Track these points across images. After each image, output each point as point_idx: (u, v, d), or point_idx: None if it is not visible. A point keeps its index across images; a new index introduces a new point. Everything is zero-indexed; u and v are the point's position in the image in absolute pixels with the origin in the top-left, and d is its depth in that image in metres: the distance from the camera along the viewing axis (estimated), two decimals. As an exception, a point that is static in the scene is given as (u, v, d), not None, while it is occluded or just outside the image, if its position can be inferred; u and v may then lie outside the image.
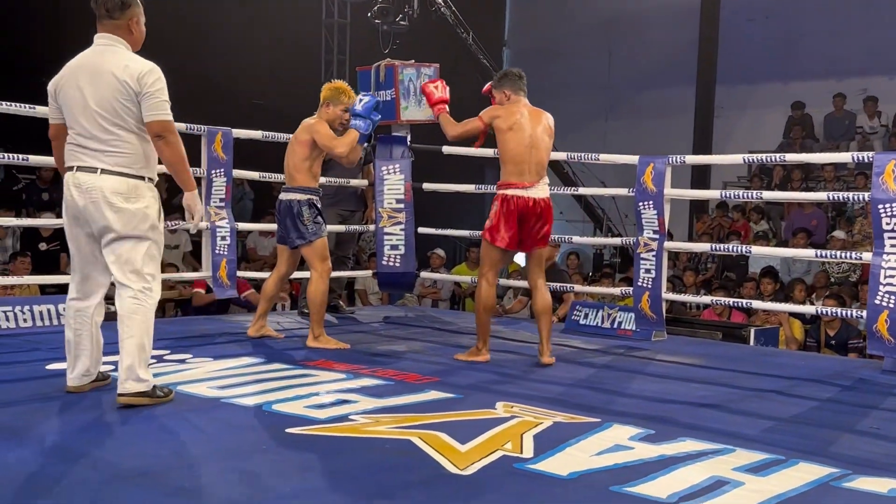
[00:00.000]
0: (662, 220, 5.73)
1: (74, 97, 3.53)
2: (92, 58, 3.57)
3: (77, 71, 3.55)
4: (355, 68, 7.60)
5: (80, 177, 3.53)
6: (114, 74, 3.48)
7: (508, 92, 4.95)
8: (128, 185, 3.52)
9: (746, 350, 6.08)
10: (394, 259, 6.74)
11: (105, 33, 3.59)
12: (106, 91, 3.49)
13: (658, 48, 14.97)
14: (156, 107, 3.51)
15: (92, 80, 3.50)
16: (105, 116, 3.49)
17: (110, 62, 3.52)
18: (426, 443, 3.09)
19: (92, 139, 3.51)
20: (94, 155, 3.51)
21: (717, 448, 3.20)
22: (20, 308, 5.05)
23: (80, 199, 3.53)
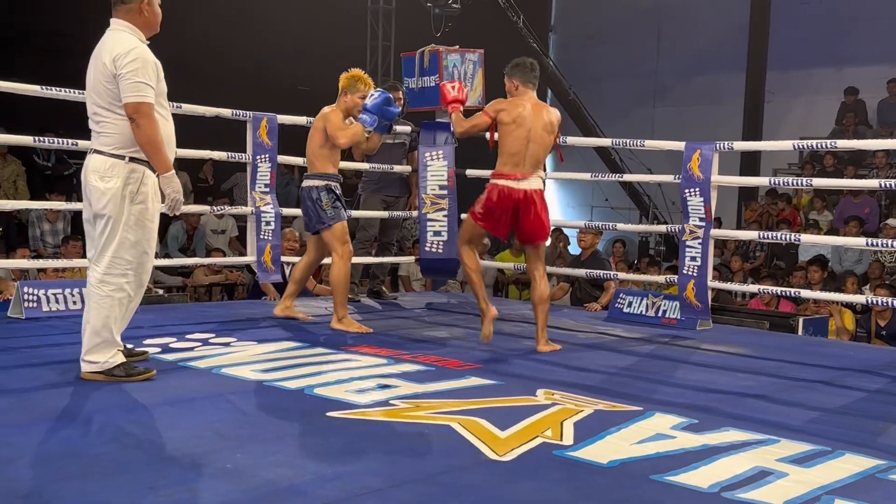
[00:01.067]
0: (709, 208, 5.64)
1: (87, 82, 3.68)
2: (99, 43, 3.68)
3: (93, 58, 3.68)
4: (400, 54, 7.61)
5: (88, 159, 3.68)
6: (101, 58, 3.59)
7: (517, 82, 4.94)
8: (105, 164, 3.59)
9: (795, 340, 5.97)
10: (437, 245, 6.74)
11: (116, 18, 3.67)
12: (96, 74, 3.61)
13: (707, 33, 14.74)
14: (129, 88, 3.53)
15: (93, 65, 3.64)
16: (95, 99, 3.62)
17: (104, 46, 3.61)
18: (466, 429, 3.09)
19: (91, 120, 3.67)
20: (93, 136, 3.67)
21: (761, 438, 3.16)
22: (70, 290, 5.15)
23: (82, 178, 3.69)
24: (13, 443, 2.75)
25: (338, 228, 5.17)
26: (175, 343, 4.43)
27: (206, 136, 6.06)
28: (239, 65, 10.63)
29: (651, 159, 12.41)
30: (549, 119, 4.90)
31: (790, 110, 13.98)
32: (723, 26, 14.43)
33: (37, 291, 5.02)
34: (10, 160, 9.09)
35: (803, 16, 13.80)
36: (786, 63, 13.74)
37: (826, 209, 10.93)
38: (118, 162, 3.59)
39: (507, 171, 4.81)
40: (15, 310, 4.96)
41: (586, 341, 5.30)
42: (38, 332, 4.66)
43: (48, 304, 5.02)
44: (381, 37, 12.72)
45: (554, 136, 4.92)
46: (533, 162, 4.83)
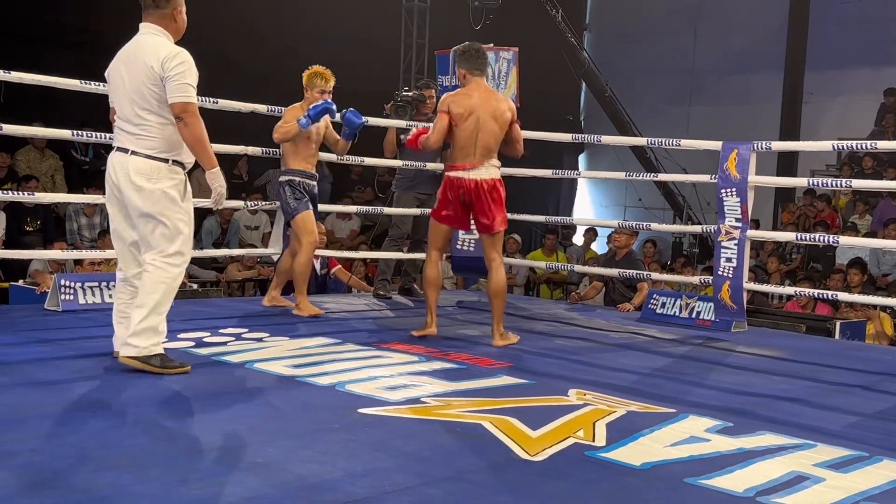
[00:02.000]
0: (745, 208, 5.57)
1: (117, 83, 3.76)
2: (133, 46, 3.77)
3: (122, 58, 3.77)
4: (434, 52, 7.60)
5: (115, 156, 3.75)
6: (144, 61, 3.66)
7: (464, 71, 4.96)
8: (150, 167, 3.68)
9: (831, 344, 5.88)
10: (468, 243, 6.73)
11: (148, 23, 3.77)
12: (138, 77, 3.67)
13: (745, 31, 14.57)
14: (177, 89, 3.65)
15: (129, 67, 3.71)
16: (136, 101, 3.68)
17: (145, 50, 3.69)
18: (497, 427, 3.07)
19: (128, 122, 3.72)
20: (128, 138, 3.71)
21: (797, 443, 3.11)
22: (106, 283, 5.20)
23: (114, 177, 3.74)
24: (48, 434, 2.78)
25: (298, 219, 5.38)
26: (209, 337, 4.46)
27: (240, 132, 6.10)
28: (274, 62, 10.67)
29: (686, 159, 12.29)
30: (499, 107, 4.89)
31: (828, 111, 13.79)
32: (761, 25, 14.26)
33: (73, 284, 5.08)
34: (48, 154, 9.21)
35: (842, 15, 13.60)
36: (824, 63, 13.55)
37: (867, 212, 10.76)
38: (162, 165, 3.71)
39: (458, 163, 4.85)
40: (52, 302, 5.02)
41: (619, 341, 5.27)
42: (74, 324, 4.72)
43: (84, 296, 5.08)
44: (416, 34, 12.71)
45: (508, 126, 4.92)
46: (483, 151, 4.84)
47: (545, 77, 12.83)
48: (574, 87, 16.61)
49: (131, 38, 3.81)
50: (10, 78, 4.75)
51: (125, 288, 3.86)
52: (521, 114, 7.49)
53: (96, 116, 8.95)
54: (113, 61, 3.81)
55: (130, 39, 3.81)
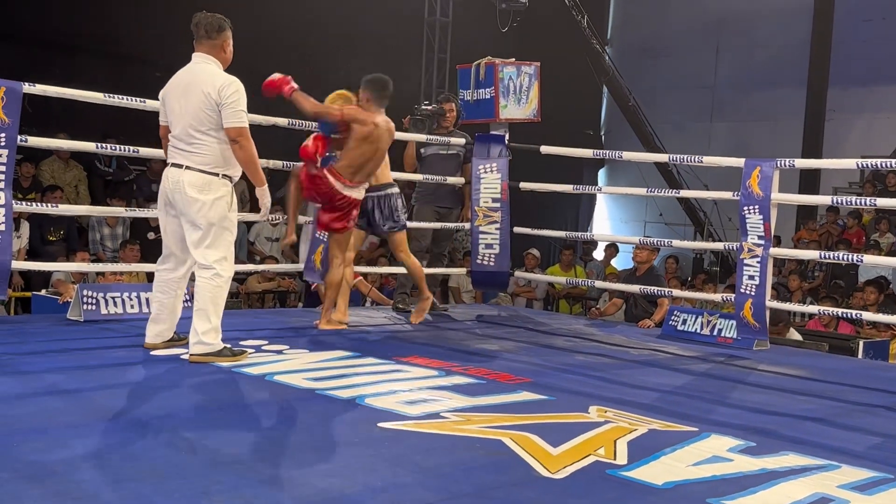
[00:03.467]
0: (768, 226, 5.53)
1: (173, 106, 4.16)
2: (189, 73, 4.20)
3: (178, 83, 4.19)
4: (455, 66, 7.61)
5: (170, 171, 4.16)
6: (202, 89, 4.08)
7: (368, 96, 5.21)
8: (203, 180, 4.10)
9: (854, 363, 5.82)
10: (488, 258, 6.73)
11: (201, 52, 4.21)
12: (195, 103, 4.09)
13: (768, 48, 14.54)
14: (232, 115, 4.09)
15: (186, 93, 4.12)
16: (192, 124, 4.10)
17: (202, 78, 4.12)
18: (517, 444, 3.06)
19: (182, 141, 4.13)
20: (182, 154, 4.13)
21: (821, 464, 3.07)
22: (128, 294, 5.23)
23: (169, 190, 4.14)
24: (70, 444, 2.79)
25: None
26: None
27: (260, 145, 6.12)
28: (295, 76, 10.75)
29: (707, 174, 12.26)
30: (392, 138, 5.36)
31: (851, 128, 13.72)
32: (783, 42, 14.22)
33: (96, 294, 5.11)
34: (72, 165, 9.29)
35: (866, 33, 13.55)
36: (847, 80, 13.49)
37: (890, 231, 10.68)
38: (214, 178, 4.13)
39: (344, 176, 5.13)
40: (74, 312, 5.05)
41: (639, 358, 5.24)
42: (96, 334, 4.74)
43: (106, 307, 5.11)
44: (437, 49, 12.77)
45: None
46: (366, 175, 5.27)
47: (566, 92, 12.83)
48: (595, 102, 16.62)
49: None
50: (35, 91, 4.80)
51: (167, 287, 4.30)
52: (541, 128, 7.53)
53: (120, 128, 9.08)
54: (168, 85, 4.22)
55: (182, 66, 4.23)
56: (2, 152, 4.65)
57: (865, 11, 13.59)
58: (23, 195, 7.94)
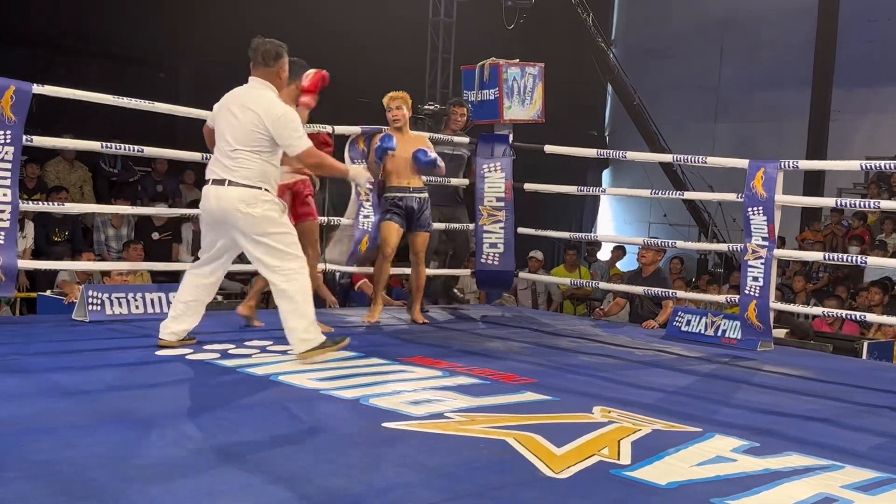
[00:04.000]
0: (772, 227, 5.53)
1: (227, 121, 4.29)
2: (246, 94, 4.34)
3: (233, 100, 4.34)
4: (460, 67, 7.62)
5: (211, 189, 4.28)
6: (258, 113, 4.23)
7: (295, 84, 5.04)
8: (249, 194, 4.22)
9: (859, 364, 5.82)
10: (492, 257, 6.73)
11: (258, 77, 4.35)
12: (248, 122, 4.24)
13: (772, 49, 14.54)
14: (297, 141, 4.27)
15: (241, 113, 4.26)
16: (242, 141, 4.24)
17: (258, 101, 4.27)
18: (521, 444, 3.06)
19: (226, 157, 4.27)
20: (224, 170, 4.26)
21: (825, 464, 3.08)
22: (133, 295, 5.24)
23: (215, 208, 4.26)
24: (76, 444, 2.80)
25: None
26: (234, 349, 4.48)
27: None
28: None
29: (712, 175, 12.25)
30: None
31: (856, 129, 13.71)
32: (788, 42, 14.21)
33: (101, 295, 5.12)
34: (77, 166, 9.32)
35: (870, 33, 13.53)
36: (852, 81, 13.48)
37: (894, 231, 10.66)
38: (258, 192, 4.25)
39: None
40: (79, 312, 5.07)
41: (644, 359, 5.24)
42: (101, 334, 4.76)
43: (111, 307, 5.12)
44: (441, 49, 12.78)
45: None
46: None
47: (570, 93, 12.84)
48: (599, 103, 16.63)
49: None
50: (44, 91, 4.81)
51: (200, 292, 4.44)
52: (545, 129, 7.53)
53: (125, 129, 9.09)
54: (223, 102, 4.36)
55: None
56: (7, 149, 4.66)
57: (870, 12, 13.58)
58: (28, 196, 7.97)
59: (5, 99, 4.61)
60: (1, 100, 4.60)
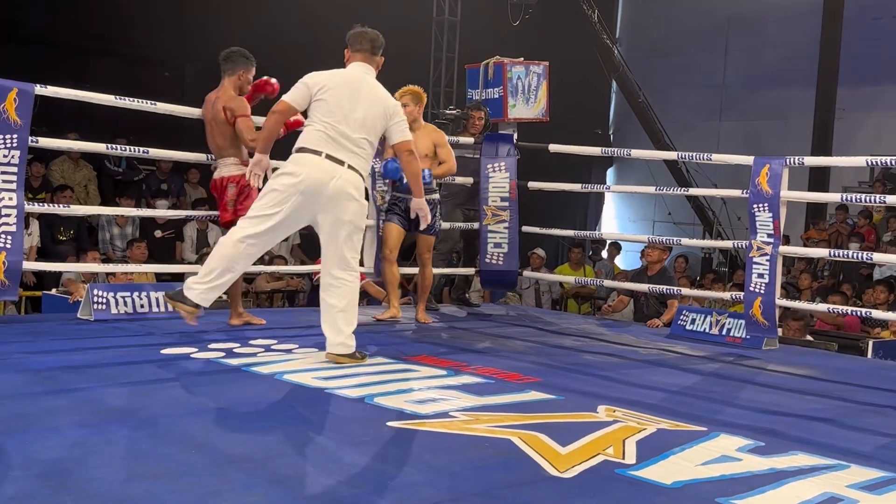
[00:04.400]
0: (778, 224, 5.52)
1: (342, 102, 4.23)
2: (364, 80, 4.35)
3: (347, 81, 4.31)
4: (464, 66, 7.62)
5: (326, 163, 4.16)
6: (383, 102, 4.34)
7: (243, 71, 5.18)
8: (360, 183, 4.24)
9: (864, 363, 5.81)
10: (497, 257, 6.73)
11: (364, 63, 4.39)
12: (374, 111, 4.29)
13: (777, 47, 14.50)
14: (404, 131, 4.42)
15: (365, 98, 4.28)
16: (366, 128, 4.26)
17: (378, 91, 4.36)
18: (526, 443, 3.06)
19: (350, 141, 4.21)
20: (345, 154, 4.19)
21: (830, 463, 3.07)
22: (137, 294, 5.25)
23: (321, 181, 4.12)
24: (81, 442, 2.81)
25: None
26: (238, 348, 4.49)
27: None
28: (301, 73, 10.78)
29: (716, 174, 12.23)
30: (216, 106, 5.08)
31: (860, 127, 13.67)
32: (793, 40, 14.18)
33: (106, 294, 5.13)
34: (81, 165, 9.34)
35: (875, 31, 13.49)
36: (857, 79, 13.44)
37: (900, 229, 10.66)
38: (363, 183, 4.30)
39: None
40: (84, 311, 5.08)
41: (648, 358, 5.23)
42: (105, 333, 4.77)
43: (116, 306, 5.13)
44: (446, 48, 12.77)
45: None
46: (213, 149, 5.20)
47: (575, 91, 12.83)
48: (603, 101, 16.61)
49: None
50: (47, 92, 4.82)
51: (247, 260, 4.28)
52: (549, 128, 7.53)
53: (129, 128, 9.11)
54: (332, 78, 4.29)
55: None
56: (14, 153, 4.67)
57: (875, 10, 13.54)
58: (33, 195, 7.98)
59: (9, 101, 4.61)
60: (4, 103, 4.61)
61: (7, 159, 4.66)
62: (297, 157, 4.22)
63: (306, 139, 4.24)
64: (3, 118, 4.60)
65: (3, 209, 4.66)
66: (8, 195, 4.68)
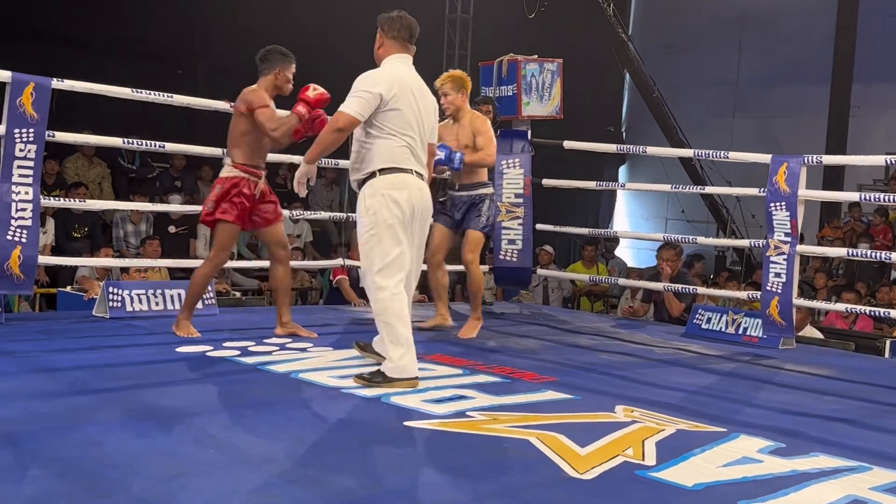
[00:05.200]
0: (795, 223, 5.48)
1: (414, 110, 3.90)
2: (415, 79, 4.01)
3: (409, 84, 3.93)
4: (478, 63, 7.59)
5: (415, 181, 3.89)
6: (433, 103, 4.06)
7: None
8: None
9: (882, 363, 5.76)
10: (511, 254, 6.71)
11: (408, 55, 4.06)
12: (431, 113, 4.02)
13: (791, 44, 14.40)
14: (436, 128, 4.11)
15: (422, 100, 3.95)
16: (427, 133, 3.99)
17: (428, 90, 4.04)
18: (545, 444, 3.04)
19: (420, 150, 3.95)
20: (419, 163, 3.94)
21: (852, 465, 3.04)
22: (153, 291, 5.25)
23: (419, 201, 3.88)
24: (99, 441, 2.80)
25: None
26: (253, 347, 4.48)
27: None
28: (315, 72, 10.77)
29: (731, 171, 12.17)
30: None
31: (875, 124, 13.58)
32: (807, 37, 14.08)
33: (121, 291, 5.14)
34: (96, 162, 9.35)
35: (890, 28, 13.38)
36: (872, 76, 13.34)
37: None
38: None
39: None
40: (100, 309, 5.08)
41: (664, 357, 5.20)
42: (121, 331, 4.77)
43: (132, 304, 5.14)
44: (458, 45, 12.73)
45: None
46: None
47: (588, 89, 12.77)
48: (616, 99, 16.54)
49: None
50: (64, 86, 4.81)
51: (404, 301, 3.87)
52: (562, 125, 7.49)
53: (143, 125, 9.11)
54: (401, 84, 3.90)
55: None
56: (30, 147, 4.67)
57: (890, 6, 13.43)
58: (47, 192, 7.99)
59: (25, 96, 4.61)
60: (21, 97, 4.61)
61: (23, 153, 4.66)
62: (393, 180, 3.82)
63: (393, 157, 3.85)
64: (20, 112, 4.60)
65: (20, 203, 4.66)
66: (24, 189, 4.68)
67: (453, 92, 5.25)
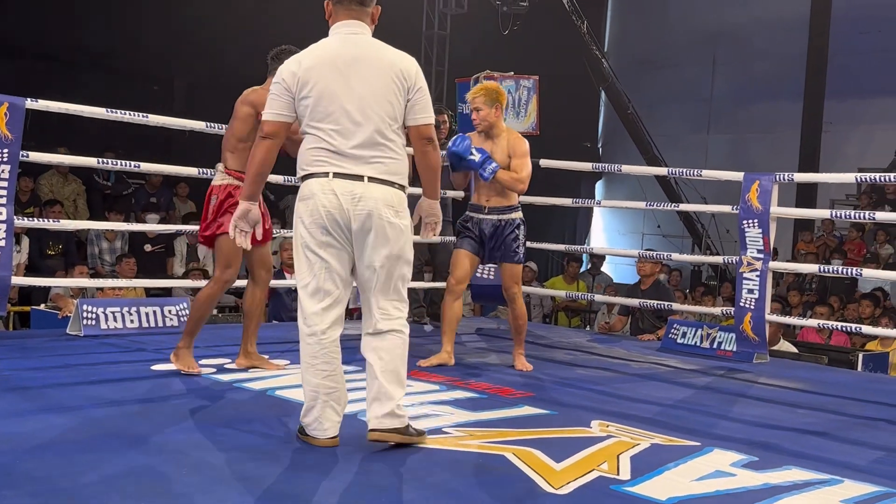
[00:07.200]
0: (767, 240, 5.55)
1: (334, 92, 3.04)
2: (352, 45, 3.11)
3: (331, 59, 3.07)
4: (455, 79, 7.65)
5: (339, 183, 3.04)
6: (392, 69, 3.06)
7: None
8: (398, 198, 3.10)
9: (854, 376, 5.83)
10: (488, 271, 6.72)
11: (355, 20, 3.14)
12: (381, 87, 3.05)
13: (764, 61, 14.58)
14: (426, 108, 3.13)
15: (359, 73, 3.05)
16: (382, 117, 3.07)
17: (383, 54, 3.11)
18: (520, 459, 3.05)
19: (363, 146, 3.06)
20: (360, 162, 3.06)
21: (824, 478, 3.07)
22: (127, 309, 5.23)
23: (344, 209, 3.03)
24: (74, 461, 2.78)
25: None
26: (230, 364, 4.46)
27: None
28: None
29: (705, 187, 12.28)
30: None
31: (848, 140, 13.76)
32: (780, 54, 14.26)
33: (95, 309, 5.11)
34: (70, 179, 9.29)
35: (862, 45, 13.59)
36: (844, 92, 13.53)
37: (888, 242, 10.71)
38: (404, 196, 3.11)
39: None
40: (74, 327, 5.05)
41: (640, 371, 5.24)
42: (95, 349, 4.74)
43: (106, 322, 5.11)
44: (435, 62, 12.80)
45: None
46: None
47: (563, 105, 12.86)
48: (592, 114, 16.65)
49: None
50: (38, 106, 4.80)
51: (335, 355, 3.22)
52: (539, 141, 7.55)
53: (119, 142, 9.07)
54: (308, 60, 3.08)
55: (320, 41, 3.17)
56: (4, 168, 4.65)
57: (862, 24, 13.64)
58: (22, 210, 7.93)
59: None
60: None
61: (-3, 174, 4.63)
62: (301, 192, 3.10)
63: (304, 161, 3.11)
64: (-6, 132, 4.58)
65: (-7, 224, 4.63)
66: (-2, 210, 4.65)
67: (486, 107, 4.74)
